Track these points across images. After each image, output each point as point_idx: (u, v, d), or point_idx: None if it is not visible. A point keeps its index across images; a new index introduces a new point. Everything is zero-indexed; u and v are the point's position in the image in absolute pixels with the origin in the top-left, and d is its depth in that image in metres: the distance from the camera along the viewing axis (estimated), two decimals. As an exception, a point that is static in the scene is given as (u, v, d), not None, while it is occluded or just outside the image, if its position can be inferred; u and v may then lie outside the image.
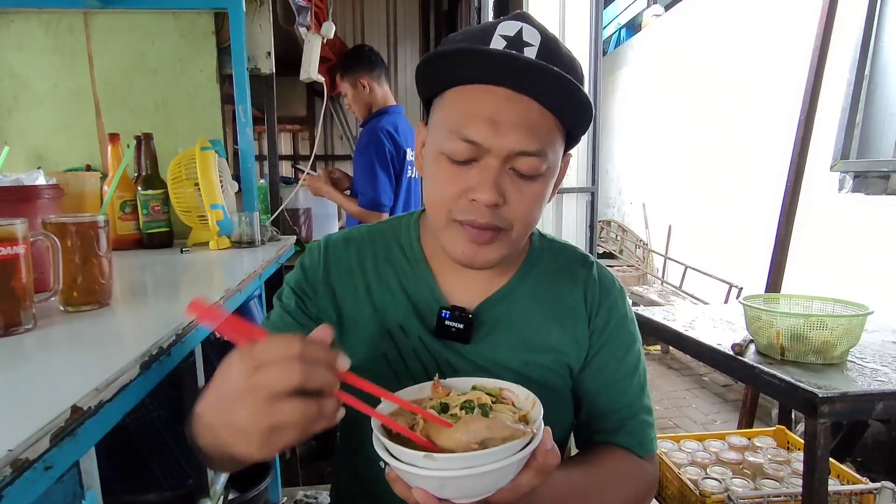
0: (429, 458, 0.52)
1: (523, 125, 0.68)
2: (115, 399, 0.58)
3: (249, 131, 1.89)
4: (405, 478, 0.56)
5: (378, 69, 2.54)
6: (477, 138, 0.68)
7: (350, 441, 0.87)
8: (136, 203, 1.59)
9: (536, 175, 0.71)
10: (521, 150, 0.68)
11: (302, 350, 0.46)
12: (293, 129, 4.51)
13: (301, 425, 0.46)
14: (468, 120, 0.69)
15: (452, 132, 0.69)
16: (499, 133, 0.67)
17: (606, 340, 0.83)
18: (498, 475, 0.55)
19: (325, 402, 0.47)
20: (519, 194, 0.71)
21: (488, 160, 0.69)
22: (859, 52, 2.12)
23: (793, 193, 2.10)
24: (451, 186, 0.71)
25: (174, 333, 0.77)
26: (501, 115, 0.68)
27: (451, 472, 0.52)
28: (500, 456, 0.53)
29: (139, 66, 1.87)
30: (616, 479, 0.78)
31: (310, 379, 0.46)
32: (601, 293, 0.85)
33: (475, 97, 0.69)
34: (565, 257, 0.88)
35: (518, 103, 0.68)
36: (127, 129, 1.71)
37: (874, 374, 1.27)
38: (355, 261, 0.85)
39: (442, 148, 0.71)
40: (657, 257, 6.29)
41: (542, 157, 0.70)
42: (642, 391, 0.84)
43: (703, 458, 1.86)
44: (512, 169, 0.70)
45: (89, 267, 0.87)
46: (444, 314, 0.79)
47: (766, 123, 4.49)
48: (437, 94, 0.75)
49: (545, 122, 0.70)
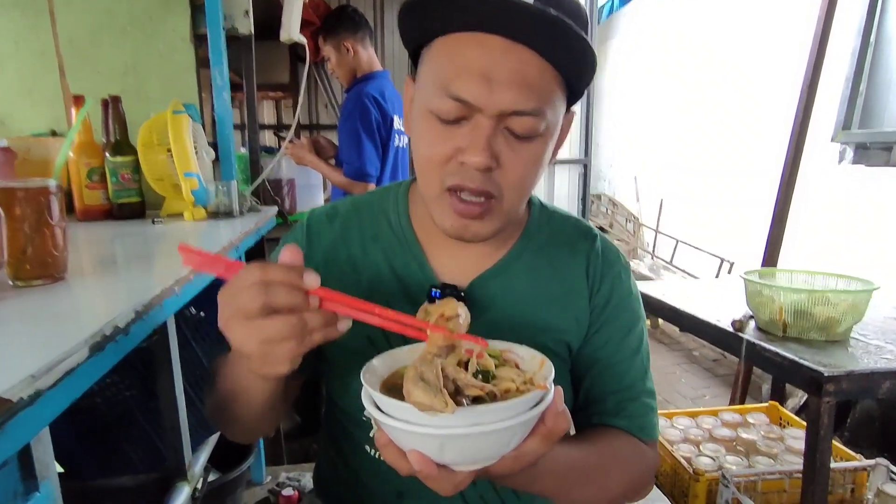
0: (431, 413, 0.45)
1: (519, 81, 0.61)
2: (56, 387, 0.51)
3: (226, 95, 1.78)
4: (399, 439, 0.49)
5: (362, 31, 2.41)
6: (467, 96, 0.61)
7: (333, 426, 0.82)
8: (104, 171, 1.49)
9: (534, 136, 0.64)
10: (515, 110, 0.62)
11: (261, 275, 0.49)
12: (276, 97, 4.35)
13: (292, 337, 0.50)
14: (457, 74, 0.62)
15: (440, 88, 0.63)
16: (491, 90, 0.61)
17: (608, 318, 0.77)
18: (506, 435, 0.48)
19: (308, 315, 0.50)
20: (514, 156, 0.64)
21: (480, 119, 0.62)
22: (865, 17, 2.04)
23: (793, 164, 2.04)
24: (440, 147, 0.65)
25: (133, 310, 0.69)
26: (494, 70, 0.61)
27: (454, 430, 0.45)
28: (512, 412, 0.47)
29: (107, 24, 1.74)
30: (616, 462, 0.73)
31: (272, 299, 0.49)
32: (604, 268, 0.78)
33: (465, 48, 0.62)
34: (566, 230, 0.81)
35: (514, 55, 0.61)
36: (94, 92, 1.59)
37: (879, 351, 1.23)
38: (340, 237, 0.78)
39: (430, 105, 0.65)
40: (648, 231, 6.26)
41: (540, 116, 0.63)
42: (645, 373, 0.78)
43: (696, 434, 1.84)
44: (507, 128, 0.64)
45: (41, 237, 0.78)
46: (434, 293, 0.73)
47: (761, 96, 4.42)
48: (425, 43, 0.68)
49: (544, 77, 0.63)
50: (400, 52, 3.97)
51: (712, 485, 1.59)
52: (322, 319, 0.51)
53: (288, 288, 0.50)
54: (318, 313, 0.51)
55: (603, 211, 7.19)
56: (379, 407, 0.50)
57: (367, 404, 0.51)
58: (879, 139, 1.96)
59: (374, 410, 0.50)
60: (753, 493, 1.53)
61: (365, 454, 0.77)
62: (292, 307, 0.50)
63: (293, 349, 0.50)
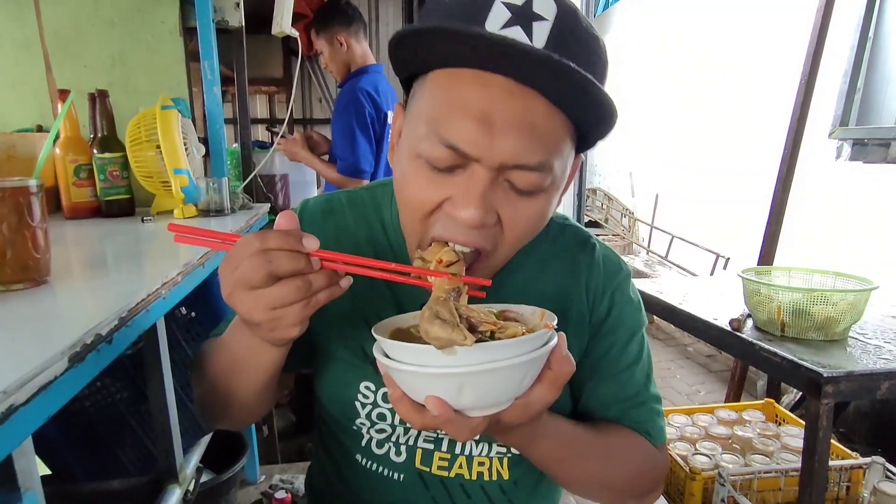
0: (448, 352, 0.46)
1: (523, 128, 0.53)
2: (31, 402, 0.48)
3: (217, 90, 1.75)
4: (413, 386, 0.49)
5: (356, 25, 2.38)
6: (463, 144, 0.54)
7: (325, 434, 0.80)
8: (91, 167, 1.46)
9: (537, 191, 0.57)
10: (517, 164, 0.54)
11: (261, 244, 0.49)
12: (269, 91, 4.30)
13: (298, 300, 0.50)
14: (453, 116, 0.54)
15: (433, 131, 0.55)
16: (491, 138, 0.53)
17: (609, 329, 0.74)
18: (520, 372, 0.49)
19: (312, 277, 0.51)
20: (513, 212, 0.57)
21: (476, 169, 0.55)
22: (863, 13, 2.02)
23: (790, 161, 2.02)
24: (428, 194, 0.57)
25: (117, 317, 0.67)
26: (496, 114, 0.53)
27: (473, 367, 0.46)
28: (526, 347, 0.48)
29: (93, 16, 1.70)
30: (619, 449, 0.72)
31: (275, 266, 0.49)
32: (605, 281, 0.75)
33: (464, 85, 0.54)
34: (564, 241, 0.77)
35: (518, 98, 0.53)
36: (81, 86, 1.56)
37: (878, 351, 1.21)
38: (332, 238, 0.74)
39: (419, 149, 0.56)
40: (643, 226, 6.25)
41: (545, 170, 0.56)
42: (648, 379, 0.76)
43: (691, 432, 1.83)
44: (507, 181, 0.56)
45: (20, 239, 0.75)
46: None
47: (758, 92, 4.40)
48: (419, 74, 0.60)
49: (552, 124, 0.55)
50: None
51: (708, 483, 1.58)
52: (326, 279, 0.52)
53: (289, 253, 0.50)
54: (321, 273, 0.51)
55: (598, 206, 7.18)
56: (390, 356, 0.50)
57: (379, 355, 0.51)
58: (877, 135, 1.94)
59: (386, 360, 0.50)
60: (749, 492, 1.52)
61: (357, 464, 0.75)
62: (296, 271, 0.50)
63: (301, 312, 0.51)
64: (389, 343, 0.50)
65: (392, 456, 0.74)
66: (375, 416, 0.71)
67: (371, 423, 0.72)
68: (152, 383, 1.11)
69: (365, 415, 0.71)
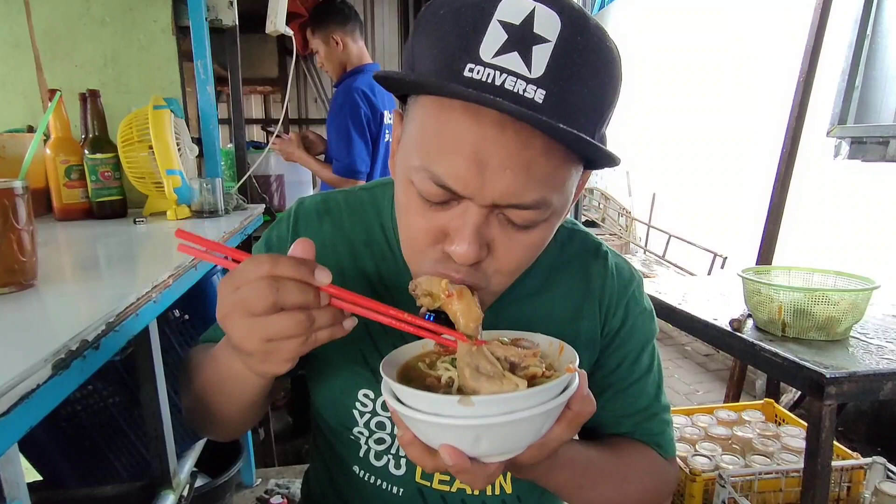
0: (465, 403, 0.44)
1: (518, 168, 0.49)
2: (13, 411, 0.46)
3: (210, 89, 1.72)
4: (428, 433, 0.47)
5: (352, 24, 2.35)
6: (454, 184, 0.50)
7: (320, 441, 0.78)
8: (83, 168, 1.43)
9: (535, 225, 0.54)
10: (511, 203, 0.51)
11: (271, 269, 0.46)
12: (264, 91, 4.27)
13: (296, 336, 0.47)
14: (443, 153, 0.50)
15: (424, 168, 0.52)
16: (483, 179, 0.49)
17: (623, 341, 0.72)
18: (539, 421, 0.47)
19: (316, 313, 0.47)
20: (508, 244, 0.54)
21: (469, 206, 0.52)
22: (861, 10, 2.01)
23: (788, 160, 2.01)
24: (422, 225, 0.55)
25: (105, 322, 0.64)
26: (488, 153, 0.49)
27: (491, 419, 0.44)
28: (546, 396, 0.46)
29: (84, 15, 1.67)
30: (634, 469, 0.70)
31: (282, 296, 0.46)
32: (619, 290, 0.72)
33: (454, 119, 0.49)
34: (573, 248, 0.74)
35: (513, 133, 0.48)
36: (72, 86, 1.54)
37: (880, 351, 1.20)
38: (328, 239, 0.71)
39: (412, 177, 0.54)
40: (640, 226, 6.25)
41: (543, 207, 0.52)
42: (659, 389, 0.75)
43: (691, 433, 1.81)
44: (503, 214, 0.53)
45: (6, 242, 0.73)
46: (428, 317, 0.67)
47: (756, 90, 4.40)
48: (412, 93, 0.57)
49: (551, 160, 0.50)
50: (391, 45, 3.90)
51: (709, 485, 1.57)
52: (330, 317, 0.49)
53: (299, 284, 0.46)
54: (326, 310, 0.48)
55: (595, 205, 7.17)
56: (403, 402, 0.47)
57: (390, 399, 0.48)
58: (875, 133, 1.94)
59: (398, 406, 0.47)
60: (750, 493, 1.51)
61: (354, 476, 0.73)
62: (302, 305, 0.47)
63: (298, 348, 0.48)
64: (402, 389, 0.46)
65: (391, 469, 0.71)
66: (374, 425, 0.69)
67: (370, 433, 0.69)
68: (145, 388, 1.09)
69: (363, 423, 0.69)
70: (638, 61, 6.41)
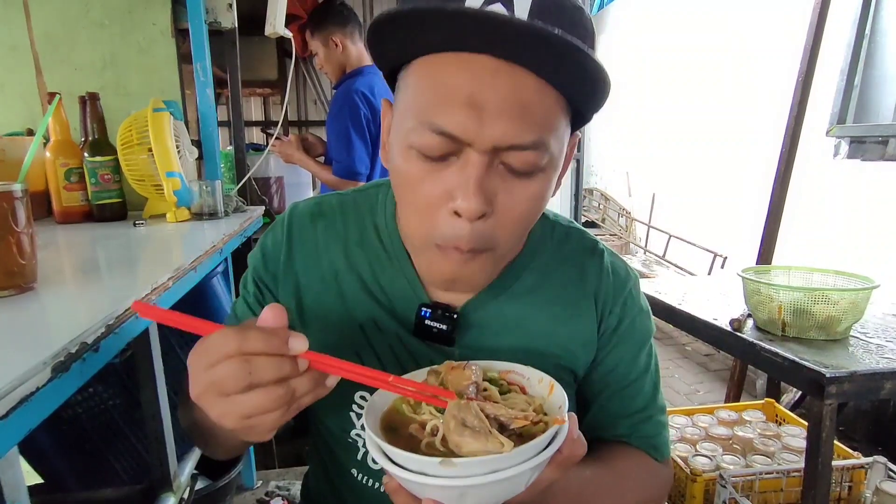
0: (447, 465, 0.43)
1: (514, 108, 0.52)
2: (12, 414, 0.47)
3: (209, 92, 1.73)
4: (413, 489, 0.46)
5: (351, 25, 2.36)
6: (453, 129, 0.52)
7: (319, 444, 0.77)
8: (82, 171, 1.44)
9: (534, 171, 0.56)
10: (511, 144, 0.53)
11: (240, 346, 0.43)
12: (263, 93, 4.27)
13: (276, 409, 0.45)
14: (440, 104, 0.52)
15: (422, 121, 0.53)
16: (482, 120, 0.51)
17: (619, 341, 0.72)
18: (526, 475, 0.46)
19: (296, 382, 0.45)
20: (511, 197, 0.56)
21: (470, 155, 0.53)
22: (860, 9, 2.02)
23: (787, 159, 2.01)
24: (425, 190, 0.56)
25: (104, 324, 0.65)
26: (484, 96, 0.51)
27: (475, 480, 0.43)
28: (531, 453, 0.45)
29: (83, 18, 1.68)
30: (630, 483, 0.70)
31: (256, 375, 0.43)
32: (615, 289, 0.72)
33: (448, 71, 0.52)
34: (570, 246, 0.74)
35: (506, 77, 0.51)
36: (71, 89, 1.54)
37: (880, 350, 1.20)
38: (322, 241, 0.71)
39: (410, 140, 0.55)
40: (640, 226, 6.25)
41: (541, 149, 0.54)
42: (656, 389, 0.75)
43: (692, 433, 1.81)
44: (503, 164, 0.55)
45: (5, 245, 0.73)
46: (424, 312, 0.66)
47: (756, 90, 4.40)
48: (401, 65, 0.59)
49: (544, 101, 0.53)
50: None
51: (709, 485, 1.57)
52: (311, 383, 0.46)
53: (272, 359, 0.44)
54: (306, 378, 0.46)
55: (595, 205, 7.17)
56: (390, 457, 0.46)
57: (376, 454, 0.47)
58: (875, 133, 1.94)
59: (384, 462, 0.46)
60: (751, 493, 1.51)
61: (351, 477, 0.72)
62: (279, 378, 0.44)
63: (278, 419, 0.46)
64: (386, 446, 0.46)
65: None
66: None
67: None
68: (145, 390, 1.09)
69: (360, 426, 0.69)
70: (638, 61, 6.42)
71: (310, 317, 0.70)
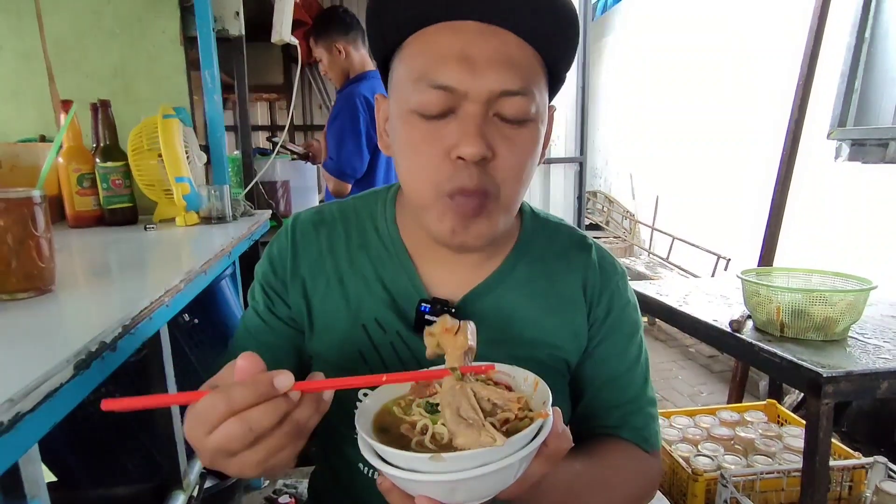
0: (436, 460, 0.45)
1: (502, 59, 0.59)
2: (37, 410, 0.49)
3: (217, 98, 1.76)
4: (405, 486, 0.48)
5: (354, 32, 2.39)
6: (450, 81, 0.59)
7: (325, 440, 0.80)
8: (94, 176, 1.47)
9: (525, 119, 0.62)
10: (503, 90, 0.59)
11: (228, 407, 0.43)
12: (269, 98, 4.32)
13: (284, 446, 0.46)
14: (436, 62, 0.60)
15: (420, 81, 0.60)
16: (475, 71, 0.59)
17: (608, 332, 0.75)
18: (514, 468, 0.48)
19: (296, 413, 0.46)
20: (508, 144, 0.61)
21: (467, 107, 0.60)
22: (860, 12, 2.03)
23: (788, 162, 2.03)
24: (429, 148, 0.61)
25: (121, 325, 0.67)
26: (474, 51, 0.59)
27: (464, 474, 0.45)
28: (519, 445, 0.46)
29: (94, 26, 1.72)
30: (620, 475, 0.72)
31: (255, 428, 0.44)
32: (602, 280, 0.76)
33: (440, 37, 0.60)
34: (560, 240, 0.78)
35: (492, 36, 0.60)
36: (82, 96, 1.57)
37: (877, 350, 1.22)
38: (326, 247, 0.75)
39: (410, 104, 0.61)
40: (644, 228, 6.25)
41: (529, 96, 0.61)
42: (645, 382, 0.77)
43: (694, 434, 1.83)
44: (497, 115, 0.61)
45: (25, 249, 0.77)
46: (424, 307, 0.69)
47: (757, 93, 4.41)
48: (393, 51, 0.66)
49: (526, 56, 0.62)
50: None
51: (711, 484, 1.58)
52: (311, 408, 0.47)
53: (266, 406, 0.44)
54: (304, 404, 0.47)
55: (599, 208, 7.18)
56: (381, 456, 0.48)
57: (368, 454, 0.49)
58: (875, 135, 1.95)
59: (376, 461, 0.48)
60: (752, 493, 1.52)
61: (357, 471, 0.74)
62: (278, 421, 0.45)
63: (296, 450, 0.48)
64: (378, 445, 0.47)
65: None
66: None
67: None
68: (156, 390, 1.12)
69: None
70: (638, 61, 6.43)
71: (317, 319, 0.73)
